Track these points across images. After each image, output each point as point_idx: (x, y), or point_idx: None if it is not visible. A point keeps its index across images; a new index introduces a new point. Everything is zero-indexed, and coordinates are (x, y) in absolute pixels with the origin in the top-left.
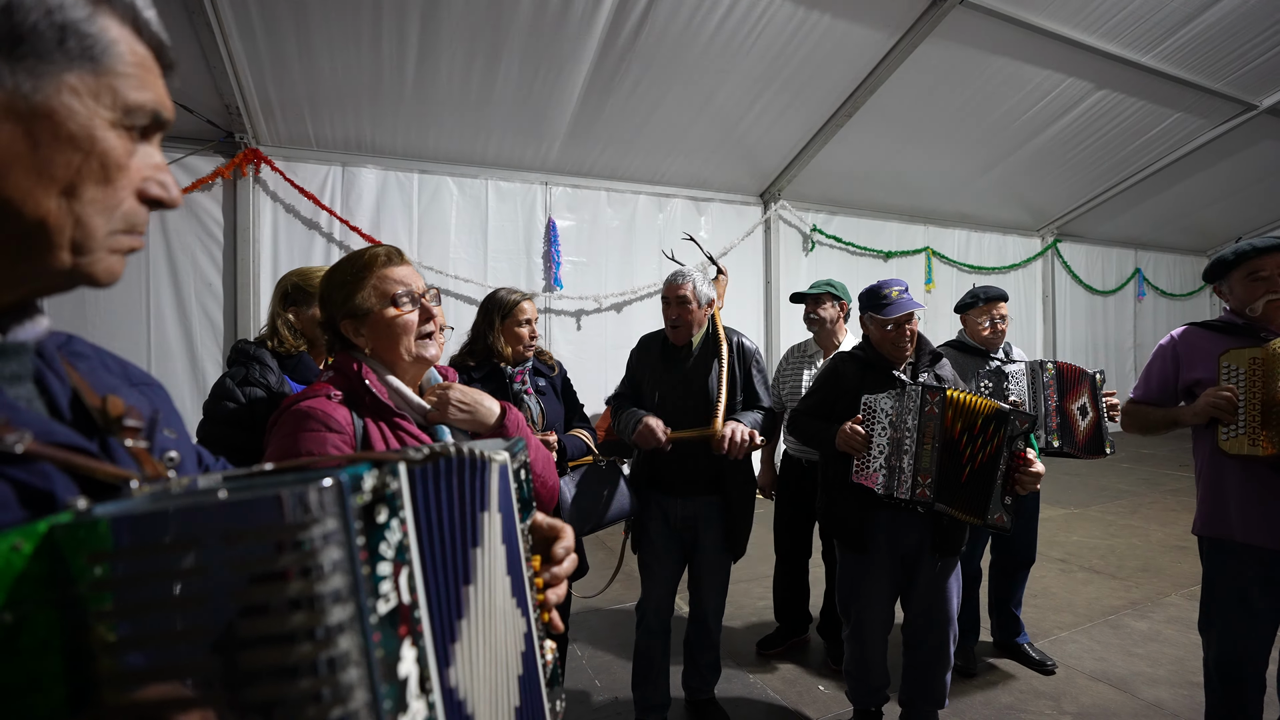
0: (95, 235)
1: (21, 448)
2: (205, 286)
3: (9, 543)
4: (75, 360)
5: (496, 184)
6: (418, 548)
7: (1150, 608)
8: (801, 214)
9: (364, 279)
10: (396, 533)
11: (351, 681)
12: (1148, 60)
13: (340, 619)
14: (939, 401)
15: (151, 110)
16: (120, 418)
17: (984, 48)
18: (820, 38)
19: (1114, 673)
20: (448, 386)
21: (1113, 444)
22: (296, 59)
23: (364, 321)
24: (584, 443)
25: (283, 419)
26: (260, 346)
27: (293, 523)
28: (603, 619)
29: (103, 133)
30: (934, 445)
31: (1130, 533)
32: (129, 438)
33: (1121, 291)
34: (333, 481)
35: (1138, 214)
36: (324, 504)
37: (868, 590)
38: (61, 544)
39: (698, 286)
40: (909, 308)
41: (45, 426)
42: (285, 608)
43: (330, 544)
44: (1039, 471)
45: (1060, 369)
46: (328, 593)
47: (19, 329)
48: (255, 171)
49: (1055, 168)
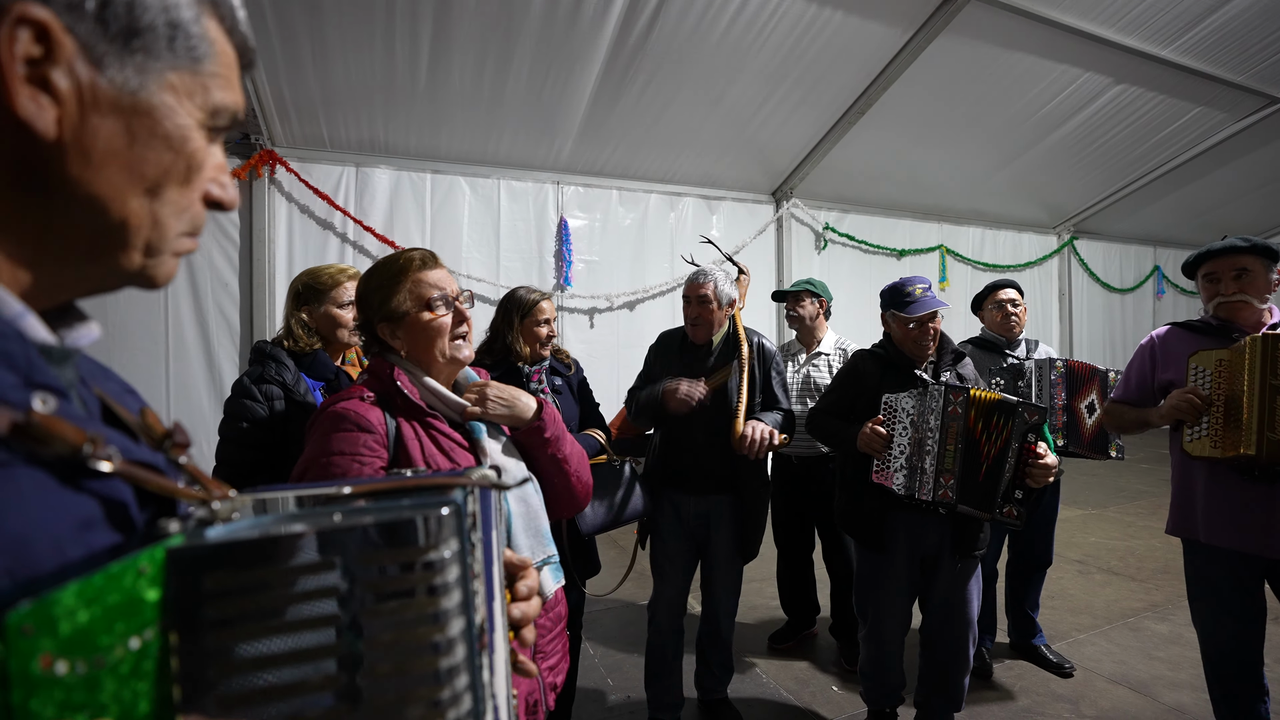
0: (168, 237)
1: (109, 467)
2: (222, 287)
3: (135, 566)
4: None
5: (509, 183)
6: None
7: (1170, 610)
8: (814, 212)
9: (400, 283)
10: (480, 550)
11: (464, 686)
12: (1168, 54)
13: (458, 630)
14: (962, 401)
15: (233, 111)
16: (169, 434)
17: (998, 43)
18: (832, 35)
19: (1134, 676)
20: (485, 384)
21: (1120, 448)
22: (310, 61)
23: (400, 324)
24: (598, 442)
25: (320, 419)
26: (277, 346)
27: (424, 544)
28: (615, 617)
29: (193, 133)
30: (957, 446)
31: (1149, 534)
32: (181, 454)
33: (1140, 289)
34: (452, 508)
35: (1157, 210)
36: (447, 527)
37: (886, 591)
38: (181, 567)
39: (719, 286)
40: (932, 306)
41: (124, 443)
42: (414, 622)
43: (452, 563)
44: (1050, 464)
45: (1070, 367)
46: (450, 608)
47: (70, 333)
48: (271, 173)
49: (1072, 164)
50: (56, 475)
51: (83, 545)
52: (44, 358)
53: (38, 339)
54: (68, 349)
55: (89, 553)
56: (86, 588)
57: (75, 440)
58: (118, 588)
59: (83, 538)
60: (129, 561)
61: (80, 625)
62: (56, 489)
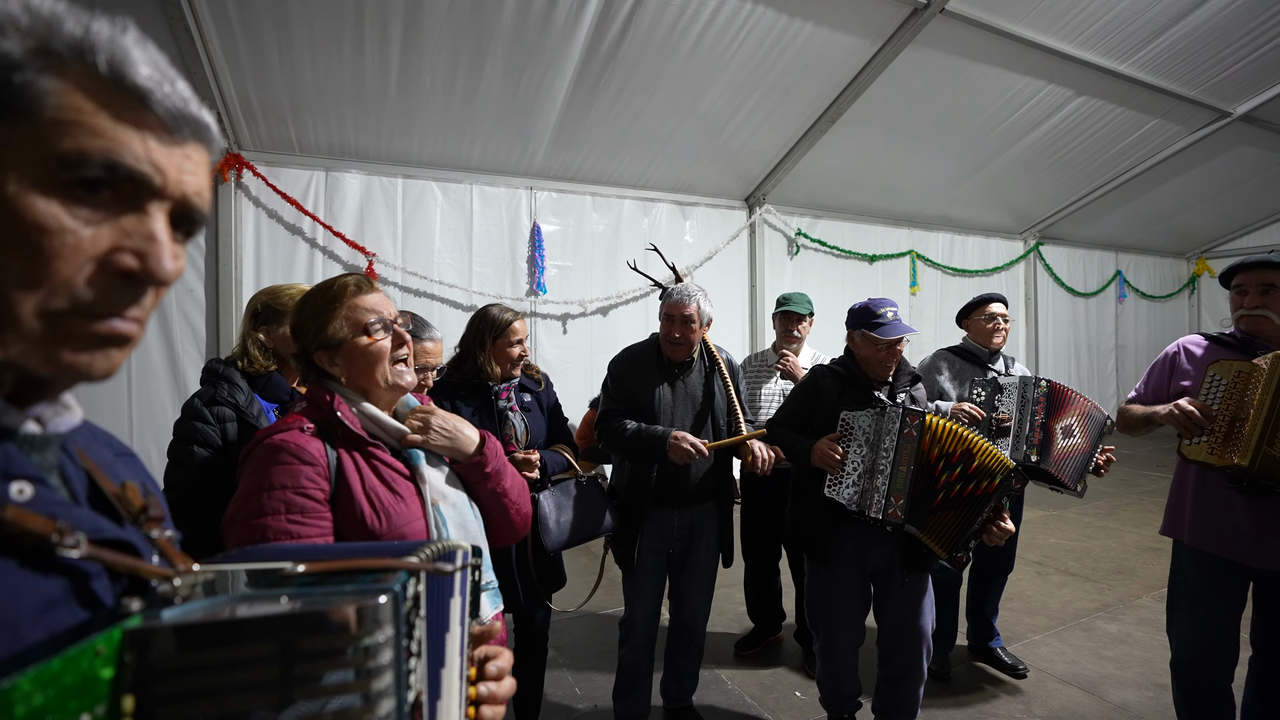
0: (22, 318)
1: (78, 554)
2: (187, 293)
3: (93, 648)
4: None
5: (481, 189)
6: (426, 639)
7: (1121, 610)
8: (786, 218)
9: (335, 309)
10: (419, 629)
11: None
12: (1125, 68)
13: (386, 711)
14: (917, 425)
15: (104, 157)
16: (144, 509)
17: (965, 55)
18: (803, 45)
19: (1084, 675)
20: (430, 410)
21: (1085, 487)
22: (278, 63)
23: (338, 351)
24: (565, 459)
25: (255, 451)
26: (230, 366)
27: (358, 632)
28: (584, 625)
29: (21, 194)
30: (909, 468)
31: (1106, 534)
32: (154, 528)
33: (1103, 294)
34: (389, 596)
35: (1118, 217)
36: (383, 615)
37: (835, 604)
38: (135, 647)
39: (702, 306)
40: (904, 331)
41: (93, 524)
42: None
43: (385, 647)
44: (1009, 529)
45: (1052, 388)
46: (380, 689)
47: (56, 420)
48: (237, 177)
49: (1037, 172)
50: (21, 561)
51: (42, 627)
52: (25, 446)
53: (22, 430)
54: (49, 435)
55: (49, 633)
56: (44, 673)
57: (44, 530)
58: (74, 670)
59: (43, 619)
60: (87, 645)
61: (35, 707)
62: (19, 575)
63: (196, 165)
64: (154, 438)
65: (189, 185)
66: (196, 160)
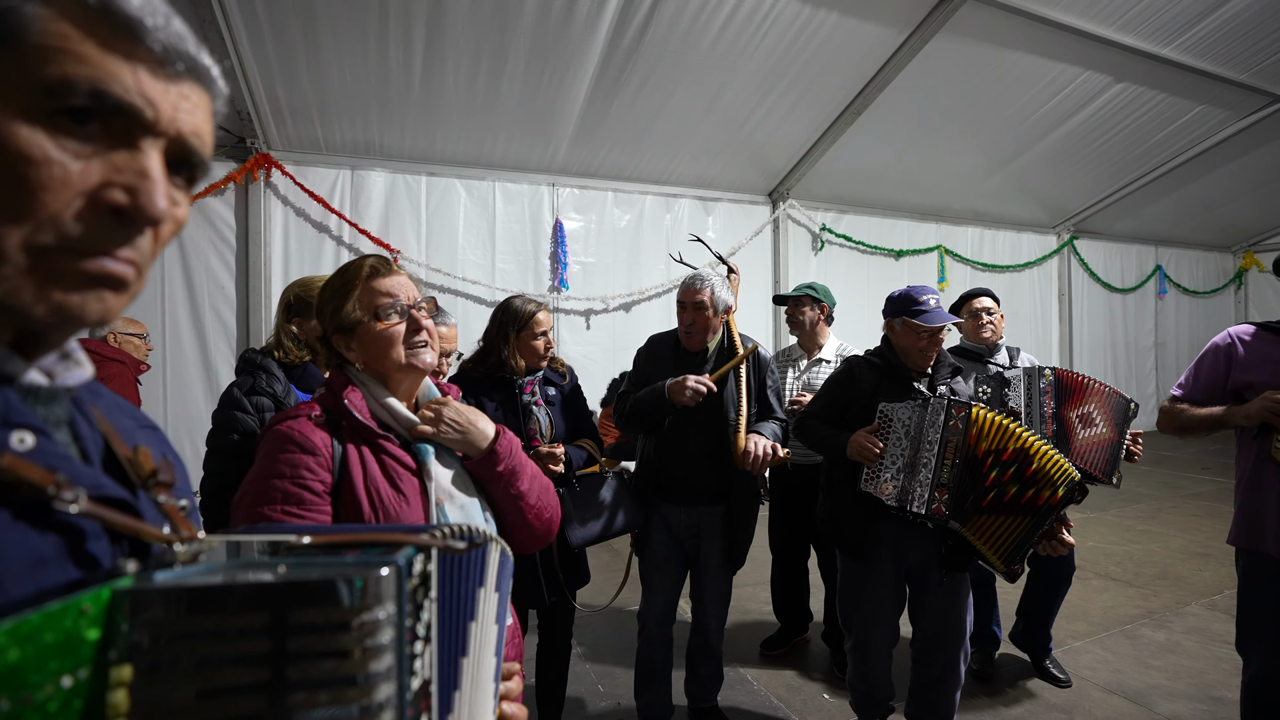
0: (8, 252)
1: (77, 509)
2: (218, 290)
3: (78, 606)
4: (95, 399)
5: (504, 186)
6: (437, 624)
7: (1169, 617)
8: (810, 213)
9: (350, 292)
10: (428, 612)
11: None
12: (1169, 52)
13: (385, 696)
14: (963, 418)
15: (91, 85)
16: (154, 473)
17: (996, 42)
18: (827, 35)
19: (1129, 685)
20: (444, 402)
21: (1120, 477)
22: (305, 64)
23: (353, 335)
24: (589, 453)
25: (265, 436)
26: (267, 356)
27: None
28: (606, 622)
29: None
30: (954, 461)
31: (1149, 538)
32: (162, 493)
33: (1142, 289)
34: (391, 570)
35: (1159, 209)
36: (384, 589)
37: (869, 603)
38: (124, 608)
39: (715, 292)
40: (946, 319)
41: (94, 480)
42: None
43: (386, 626)
44: (1070, 542)
45: (1059, 376)
46: (378, 671)
47: (63, 373)
48: (266, 176)
49: (1072, 163)
50: (15, 513)
51: (31, 584)
52: (30, 397)
53: (25, 380)
54: (56, 388)
55: (36, 590)
56: (21, 627)
57: (41, 481)
58: (55, 627)
59: (32, 576)
60: (71, 602)
61: (9, 663)
62: (11, 527)
63: (194, 106)
64: (187, 433)
65: (185, 123)
66: (194, 101)
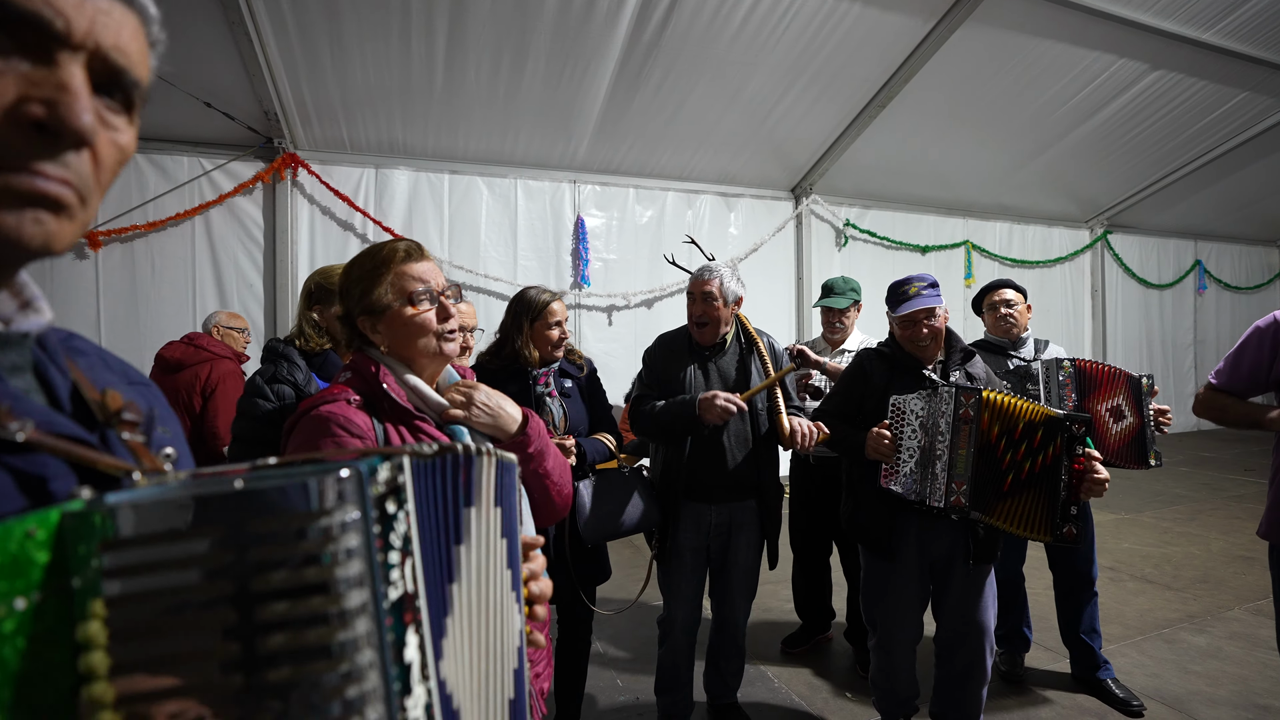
0: None
1: (23, 436)
2: (247, 287)
3: (23, 528)
4: (75, 356)
5: (525, 183)
6: (419, 540)
7: (1210, 622)
8: (834, 208)
9: (382, 275)
10: (403, 524)
11: (366, 663)
12: (1209, 37)
13: (358, 603)
14: (974, 404)
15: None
16: (119, 411)
17: (1026, 30)
18: (851, 26)
19: (1168, 690)
20: (473, 386)
21: (1159, 455)
22: (330, 64)
23: (381, 318)
24: (607, 447)
25: (302, 423)
26: (289, 345)
27: (316, 510)
28: (626, 618)
29: None
30: (969, 450)
31: (1188, 541)
32: (126, 430)
33: (1180, 285)
34: (351, 471)
35: (1198, 202)
36: (345, 493)
37: (894, 599)
38: (73, 532)
39: (725, 283)
40: (921, 304)
41: (47, 417)
42: (306, 591)
43: (350, 531)
44: (1104, 477)
45: (1080, 368)
46: (347, 577)
47: (21, 320)
48: (293, 175)
49: (1106, 155)
50: None
51: None
52: None
53: None
54: (12, 333)
55: None
56: None
57: None
58: (2, 549)
59: None
60: (15, 524)
61: None
62: None
63: (116, 22)
64: None
65: (104, 38)
66: (116, 17)
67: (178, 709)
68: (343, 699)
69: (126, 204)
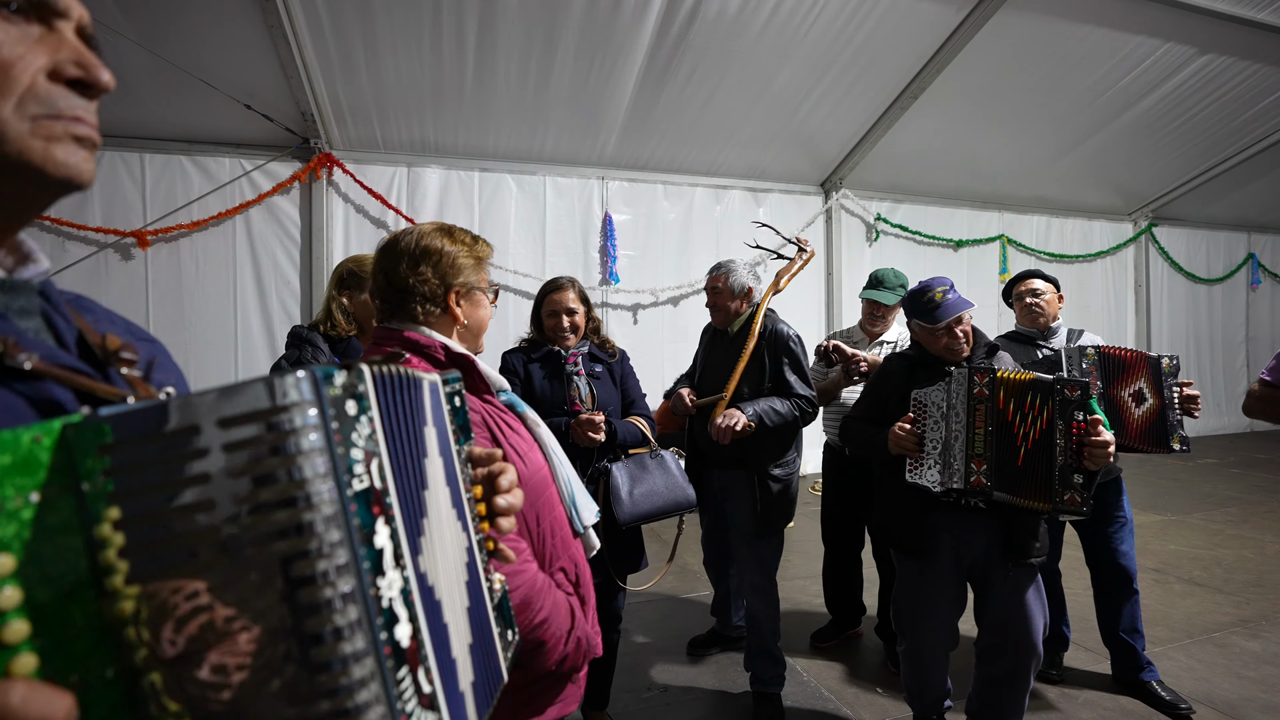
0: (5, 118)
1: (30, 365)
2: (284, 284)
3: (30, 435)
4: (83, 312)
5: (554, 180)
6: (385, 444)
7: (1265, 627)
8: (865, 203)
9: (483, 261)
10: (366, 427)
11: (334, 540)
12: (1264, 16)
13: (322, 489)
14: (989, 382)
15: None
16: (118, 350)
17: (1066, 15)
18: (882, 15)
19: (1219, 696)
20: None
21: (1185, 441)
22: (364, 65)
23: (470, 299)
24: (640, 431)
25: None
26: (313, 330)
27: (279, 405)
28: (656, 609)
29: None
30: (986, 428)
31: (1240, 543)
32: (125, 367)
33: (1231, 279)
34: (308, 373)
35: (1251, 192)
36: (302, 390)
37: (927, 602)
38: (76, 442)
39: (731, 278)
40: (957, 310)
41: (51, 352)
42: (275, 478)
43: (309, 426)
44: (1107, 440)
45: (1103, 354)
46: (311, 465)
47: (23, 270)
48: (329, 175)
49: (1150, 145)
50: None
51: None
52: None
53: None
54: (16, 281)
55: None
56: None
57: None
58: (11, 450)
59: None
60: (23, 430)
61: None
62: None
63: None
64: None
65: (84, 14)
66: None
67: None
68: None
69: (172, 204)
